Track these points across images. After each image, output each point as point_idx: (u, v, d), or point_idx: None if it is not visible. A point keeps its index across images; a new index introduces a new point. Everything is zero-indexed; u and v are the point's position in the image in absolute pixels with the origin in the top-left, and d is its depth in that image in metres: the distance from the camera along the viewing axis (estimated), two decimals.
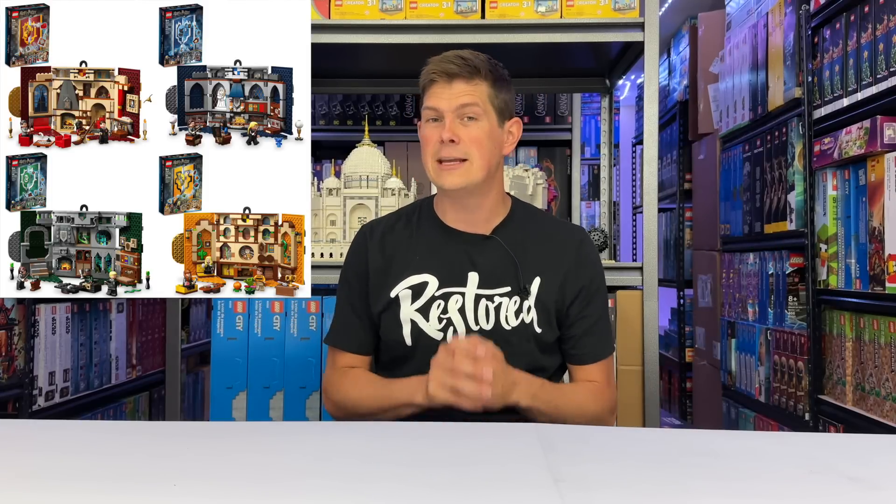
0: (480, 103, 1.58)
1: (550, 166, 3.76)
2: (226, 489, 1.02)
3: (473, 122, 1.58)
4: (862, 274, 2.32)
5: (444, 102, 1.58)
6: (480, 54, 1.62)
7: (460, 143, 1.57)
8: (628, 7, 2.30)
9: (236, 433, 1.40)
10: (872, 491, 1.03)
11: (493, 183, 1.64)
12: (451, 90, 1.58)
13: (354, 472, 1.11)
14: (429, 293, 1.62)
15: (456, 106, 1.57)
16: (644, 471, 1.12)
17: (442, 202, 1.69)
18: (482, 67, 1.59)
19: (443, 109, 1.58)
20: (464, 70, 1.58)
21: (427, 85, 1.61)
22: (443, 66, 1.59)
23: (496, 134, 1.61)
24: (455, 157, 1.57)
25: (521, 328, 1.61)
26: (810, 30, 2.64)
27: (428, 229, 1.67)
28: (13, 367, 2.36)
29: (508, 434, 1.30)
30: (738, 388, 3.26)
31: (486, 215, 1.65)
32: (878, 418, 2.24)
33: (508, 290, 1.62)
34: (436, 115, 1.59)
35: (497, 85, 1.61)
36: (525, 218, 1.69)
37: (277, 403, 2.17)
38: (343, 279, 1.72)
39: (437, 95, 1.59)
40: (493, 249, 1.63)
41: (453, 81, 1.58)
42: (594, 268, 1.67)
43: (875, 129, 2.20)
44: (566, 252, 1.65)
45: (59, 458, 1.17)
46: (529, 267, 1.62)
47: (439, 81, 1.59)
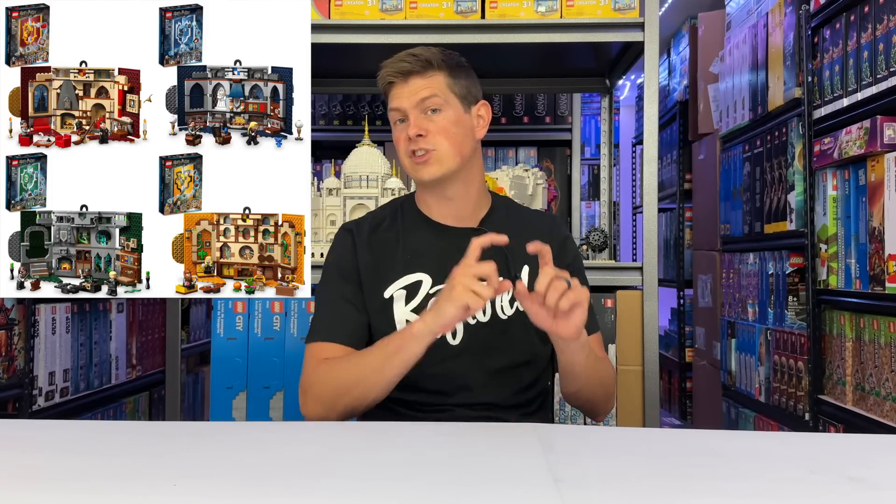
0: (440, 93, 1.59)
1: (550, 166, 3.76)
2: (226, 489, 1.02)
3: (437, 114, 1.59)
4: (862, 274, 2.33)
5: (405, 100, 1.59)
6: (432, 48, 1.63)
7: (428, 136, 1.58)
8: (628, 7, 2.30)
9: (236, 433, 1.40)
10: (872, 491, 1.03)
11: (473, 170, 1.65)
12: (409, 87, 1.59)
13: (354, 471, 1.11)
14: (423, 292, 1.60)
15: (416, 102, 1.58)
16: (644, 471, 1.12)
17: (424, 198, 1.67)
18: (434, 59, 1.60)
19: (405, 108, 1.59)
20: (416, 65, 1.59)
21: (387, 89, 1.62)
22: (396, 66, 1.60)
23: (464, 120, 1.62)
24: (424, 149, 1.58)
25: (518, 317, 1.61)
26: (810, 30, 2.64)
27: (415, 227, 1.65)
28: (13, 367, 2.36)
29: (508, 434, 1.30)
30: (738, 388, 3.26)
31: (471, 208, 1.65)
32: (878, 418, 2.24)
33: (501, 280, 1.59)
34: (401, 115, 1.60)
35: (454, 73, 1.61)
36: (506, 209, 1.71)
37: (277, 403, 2.17)
38: (329, 278, 1.64)
39: (398, 96, 1.60)
40: None
41: (409, 79, 1.59)
42: (574, 252, 1.72)
43: (875, 129, 2.20)
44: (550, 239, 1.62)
45: (59, 458, 1.17)
46: (517, 257, 1.63)
47: (396, 82, 1.60)
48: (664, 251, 4.87)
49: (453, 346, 1.60)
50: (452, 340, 1.60)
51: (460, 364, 1.59)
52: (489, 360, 1.60)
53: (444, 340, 1.58)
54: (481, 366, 1.60)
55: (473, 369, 1.59)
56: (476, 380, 1.60)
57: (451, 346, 1.60)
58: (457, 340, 1.60)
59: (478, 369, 1.59)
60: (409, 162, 1.60)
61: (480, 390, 1.60)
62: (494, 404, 1.59)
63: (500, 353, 1.60)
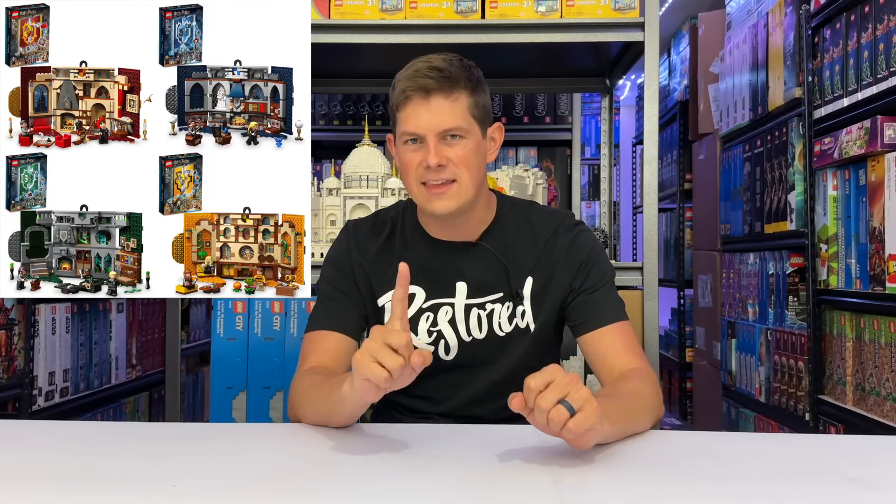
0: (464, 123, 1.46)
1: (550, 166, 3.76)
2: (226, 489, 1.02)
3: (459, 141, 1.46)
4: (862, 274, 2.32)
5: (424, 125, 1.45)
6: (452, 58, 1.49)
7: (448, 166, 1.46)
8: (628, 7, 2.30)
9: (236, 434, 1.40)
10: (872, 491, 1.03)
11: (481, 193, 1.55)
12: (430, 109, 1.45)
13: (354, 472, 1.11)
14: (416, 306, 1.56)
15: (439, 131, 1.45)
16: (644, 471, 1.12)
17: (426, 217, 1.59)
18: (460, 76, 1.46)
19: (424, 133, 1.45)
20: (441, 83, 1.44)
21: (401, 103, 1.47)
22: (418, 81, 1.45)
23: (481, 147, 1.51)
24: (444, 179, 1.46)
25: (516, 332, 1.57)
26: (810, 30, 2.64)
27: (412, 240, 1.59)
28: (13, 367, 2.36)
29: (508, 434, 1.30)
30: (738, 388, 3.26)
31: (473, 226, 1.57)
32: (878, 418, 2.24)
33: (500, 295, 1.56)
34: (415, 138, 1.47)
35: (476, 92, 1.49)
36: (512, 216, 1.61)
37: (277, 403, 2.17)
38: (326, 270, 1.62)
39: (416, 117, 1.45)
40: (480, 256, 1.56)
41: (431, 97, 1.45)
42: (587, 248, 1.57)
43: (875, 129, 2.20)
44: (557, 240, 1.57)
45: (59, 458, 1.17)
46: (520, 268, 1.57)
47: (415, 98, 1.45)
48: (664, 251, 4.87)
49: (446, 360, 1.57)
50: (445, 356, 1.57)
51: (452, 378, 1.57)
52: (482, 375, 1.57)
53: (436, 356, 1.54)
54: (473, 379, 1.57)
55: (465, 382, 1.57)
56: (466, 394, 1.57)
57: (444, 361, 1.56)
58: (450, 356, 1.57)
59: (469, 382, 1.57)
60: (422, 191, 1.48)
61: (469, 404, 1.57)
62: (480, 418, 1.53)
63: (493, 369, 1.56)
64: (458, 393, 1.57)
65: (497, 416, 1.50)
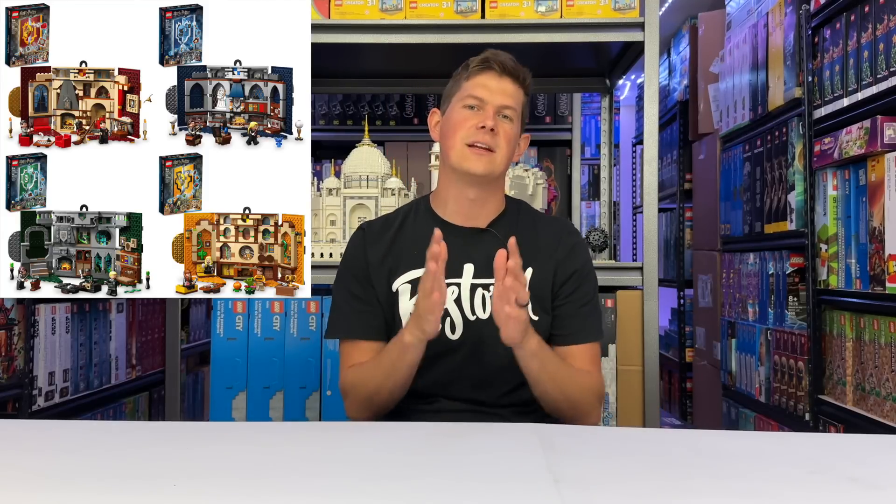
0: (517, 108, 1.65)
1: (550, 166, 3.76)
2: (226, 489, 1.02)
3: (507, 121, 1.63)
4: (862, 274, 2.32)
5: (495, 94, 1.62)
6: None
7: (497, 136, 1.61)
8: (628, 7, 2.30)
9: (236, 433, 1.40)
10: (872, 491, 1.03)
11: (500, 182, 1.70)
12: (501, 83, 1.63)
13: (354, 472, 1.11)
14: None
15: (500, 104, 1.62)
16: (644, 471, 1.12)
17: (443, 195, 1.69)
18: (527, 77, 1.66)
19: (487, 100, 1.62)
20: (516, 71, 1.64)
21: (476, 72, 1.64)
22: (500, 58, 1.63)
23: (517, 138, 1.68)
24: (488, 145, 1.60)
25: None
26: (810, 30, 2.64)
27: (424, 225, 1.68)
28: (13, 367, 2.36)
29: (508, 434, 1.30)
30: (738, 388, 3.26)
31: (485, 211, 1.68)
32: (878, 418, 2.24)
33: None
34: (477, 103, 1.62)
35: (527, 97, 1.68)
36: (518, 213, 1.73)
37: (277, 403, 2.17)
38: (342, 276, 1.71)
39: (486, 84, 1.62)
40: (488, 242, 1.65)
41: (504, 76, 1.63)
42: (585, 257, 1.72)
43: (875, 129, 2.20)
44: (559, 243, 1.68)
45: (59, 458, 1.17)
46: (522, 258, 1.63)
47: (491, 72, 1.63)
48: (664, 251, 4.87)
49: (452, 339, 1.63)
50: (451, 335, 1.63)
51: (458, 359, 1.63)
52: (487, 358, 1.62)
53: (442, 335, 1.61)
54: (478, 362, 1.62)
55: (470, 364, 1.62)
56: (471, 377, 1.63)
57: (451, 341, 1.63)
58: (456, 335, 1.63)
59: (474, 364, 1.62)
60: (465, 150, 1.62)
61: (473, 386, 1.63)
62: (484, 402, 1.63)
63: (497, 352, 1.59)
64: (463, 376, 1.63)
65: (501, 402, 1.63)
